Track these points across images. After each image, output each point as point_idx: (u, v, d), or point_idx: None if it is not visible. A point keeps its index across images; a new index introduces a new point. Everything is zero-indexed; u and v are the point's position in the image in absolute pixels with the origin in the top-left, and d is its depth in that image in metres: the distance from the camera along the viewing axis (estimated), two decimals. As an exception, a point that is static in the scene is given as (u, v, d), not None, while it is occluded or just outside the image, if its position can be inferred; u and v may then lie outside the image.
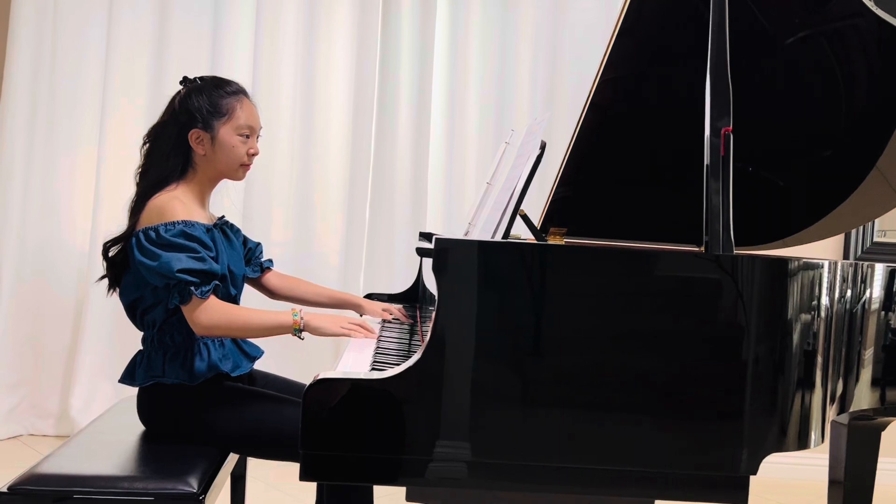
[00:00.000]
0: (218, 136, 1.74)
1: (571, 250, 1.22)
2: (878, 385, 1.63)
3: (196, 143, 1.74)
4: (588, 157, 2.04)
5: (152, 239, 1.63)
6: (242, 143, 1.77)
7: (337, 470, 1.18)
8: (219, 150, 1.75)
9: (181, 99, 1.76)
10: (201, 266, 1.62)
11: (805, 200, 2.20)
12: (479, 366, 1.19)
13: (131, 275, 1.73)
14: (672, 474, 1.22)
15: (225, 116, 1.75)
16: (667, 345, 1.22)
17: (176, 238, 1.63)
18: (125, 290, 1.76)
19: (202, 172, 1.78)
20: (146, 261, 1.62)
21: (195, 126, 1.73)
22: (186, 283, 1.61)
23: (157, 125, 1.79)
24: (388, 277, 3.42)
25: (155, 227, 1.64)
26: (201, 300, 1.62)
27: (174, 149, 1.74)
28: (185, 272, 1.60)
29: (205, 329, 1.65)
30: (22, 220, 3.35)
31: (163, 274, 1.61)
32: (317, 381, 1.18)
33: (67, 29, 3.36)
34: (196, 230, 1.66)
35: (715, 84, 1.31)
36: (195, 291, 1.61)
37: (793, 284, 1.27)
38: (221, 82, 1.80)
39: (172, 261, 1.60)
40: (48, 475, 1.51)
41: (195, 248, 1.64)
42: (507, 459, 1.20)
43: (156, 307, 1.71)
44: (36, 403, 3.41)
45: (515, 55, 3.47)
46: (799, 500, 3.12)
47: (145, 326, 1.77)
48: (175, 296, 1.63)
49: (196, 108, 1.73)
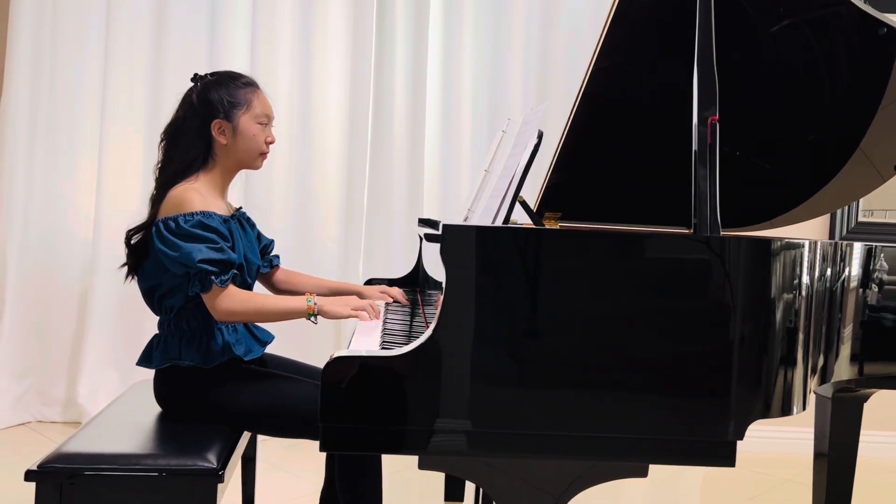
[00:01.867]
0: (239, 126, 1.83)
1: (572, 235, 1.30)
2: (857, 360, 1.73)
3: (218, 134, 1.83)
4: (581, 144, 2.11)
5: (172, 229, 1.71)
6: (261, 131, 1.87)
7: (353, 441, 1.27)
8: (240, 139, 1.84)
9: (200, 93, 1.83)
10: (220, 256, 1.70)
11: (791, 183, 2.27)
12: (484, 345, 1.27)
13: (151, 262, 1.80)
14: (665, 440, 1.31)
15: (244, 107, 1.84)
16: (660, 323, 1.31)
17: (194, 228, 1.71)
18: (144, 277, 1.84)
19: (222, 163, 1.86)
20: (167, 250, 1.70)
21: (217, 117, 1.82)
22: (206, 272, 1.69)
23: (176, 121, 1.86)
24: (386, 263, 3.50)
25: (174, 217, 1.72)
26: (221, 288, 1.71)
27: (196, 140, 1.82)
28: (206, 262, 1.68)
29: (225, 315, 1.73)
30: (26, 211, 3.40)
31: (183, 263, 1.68)
32: (334, 359, 1.26)
33: (67, 22, 3.41)
34: (213, 220, 1.74)
35: (702, 75, 1.39)
36: (215, 280, 1.69)
37: (776, 264, 1.36)
38: (235, 75, 1.89)
39: (193, 251, 1.68)
40: (74, 454, 1.59)
41: (213, 238, 1.72)
42: (511, 429, 1.29)
43: (174, 293, 1.79)
44: (43, 391, 3.48)
45: (508, 44, 3.55)
46: (786, 472, 3.22)
47: (163, 311, 1.85)
48: (195, 284, 1.70)
49: (217, 101, 1.82)
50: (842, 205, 3.09)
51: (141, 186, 3.41)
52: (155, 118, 3.39)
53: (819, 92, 2.09)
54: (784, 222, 2.35)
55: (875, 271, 1.78)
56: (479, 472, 1.32)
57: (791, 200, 2.30)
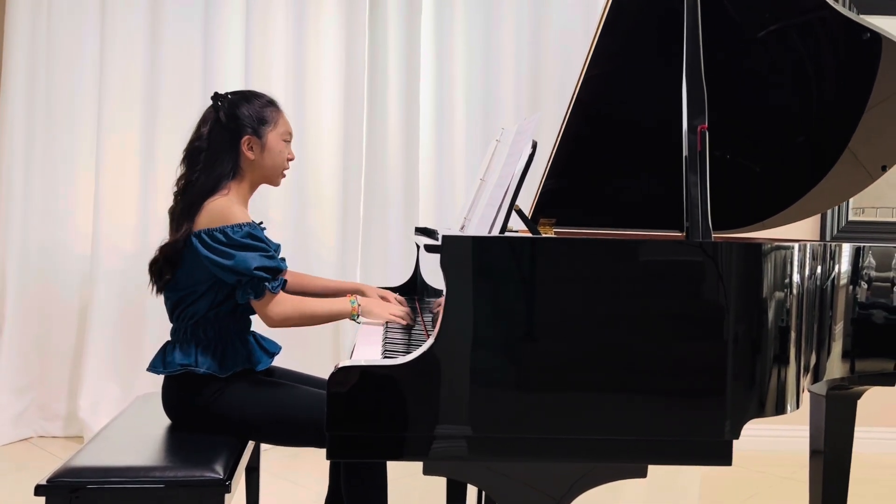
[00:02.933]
0: (267, 142, 1.92)
1: (566, 242, 1.34)
2: (849, 357, 1.76)
3: (247, 150, 1.91)
4: (575, 150, 2.14)
5: (220, 240, 1.77)
6: (286, 147, 1.97)
7: (358, 448, 1.30)
8: (267, 154, 1.93)
9: (227, 110, 1.90)
10: (272, 263, 1.79)
11: (781, 184, 2.31)
12: (483, 352, 1.31)
13: (184, 272, 1.85)
14: (663, 441, 1.35)
15: (271, 124, 1.94)
16: (655, 326, 1.34)
17: (245, 239, 1.79)
18: (176, 287, 1.88)
19: (248, 178, 1.94)
20: (220, 259, 1.76)
21: (246, 133, 1.90)
22: (261, 279, 1.76)
23: (201, 136, 1.91)
24: (383, 271, 3.53)
25: (221, 228, 1.79)
26: (273, 294, 1.80)
27: (225, 155, 1.89)
28: (261, 269, 1.76)
29: (280, 320, 1.82)
30: (24, 225, 3.42)
31: (239, 271, 1.75)
32: (338, 369, 1.29)
33: (62, 32, 3.42)
34: (258, 232, 1.84)
35: (690, 84, 1.43)
36: (268, 286, 1.78)
37: (767, 265, 1.40)
38: (258, 94, 1.98)
39: (249, 259, 1.76)
40: (82, 468, 1.61)
41: (264, 247, 1.81)
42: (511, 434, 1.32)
43: (198, 301, 1.85)
44: (44, 405, 3.49)
45: (500, 48, 3.58)
46: (784, 470, 3.25)
47: (181, 319, 1.89)
48: (248, 291, 1.78)
49: (247, 117, 1.91)
50: (832, 204, 3.13)
51: (138, 200, 3.44)
52: (151, 128, 3.42)
53: (807, 95, 2.13)
54: (776, 223, 2.39)
55: (864, 269, 1.82)
56: (480, 476, 1.35)
57: (782, 201, 2.34)
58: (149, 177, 3.42)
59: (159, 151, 3.41)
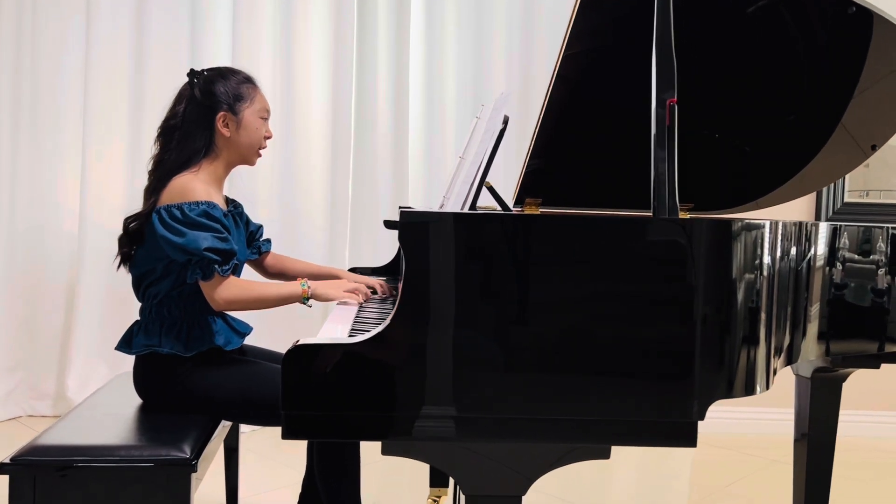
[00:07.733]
0: (243, 119, 1.88)
1: (525, 219, 1.30)
2: (824, 338, 1.73)
3: (222, 126, 1.87)
4: (558, 129, 2.10)
5: (176, 217, 1.73)
6: (262, 125, 1.92)
7: (313, 428, 1.27)
8: (243, 132, 1.88)
9: (202, 86, 1.86)
10: (224, 246, 1.74)
11: (773, 163, 2.28)
12: (440, 332, 1.27)
13: (144, 249, 1.82)
14: (630, 422, 1.32)
15: (248, 101, 1.89)
16: (622, 305, 1.31)
17: (200, 217, 1.74)
18: (137, 263, 1.86)
19: (223, 156, 1.89)
20: (171, 237, 1.72)
21: (221, 109, 1.86)
22: (210, 260, 1.72)
23: (176, 114, 1.87)
24: (372, 252, 3.51)
25: (179, 204, 1.74)
26: (222, 278, 1.75)
27: (198, 132, 1.85)
28: (211, 251, 1.71)
29: (225, 303, 1.77)
30: (11, 205, 3.42)
31: (188, 250, 1.71)
32: (294, 346, 1.26)
33: (48, 18, 3.40)
34: (216, 211, 1.78)
35: (660, 57, 1.39)
36: (218, 269, 1.73)
37: (736, 245, 1.36)
38: (234, 70, 1.93)
39: (199, 239, 1.71)
40: (48, 446, 1.60)
41: (218, 228, 1.75)
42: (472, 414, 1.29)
43: (161, 280, 1.82)
44: (33, 385, 3.50)
45: (490, 32, 3.55)
46: (773, 453, 3.24)
47: (146, 298, 1.87)
48: (197, 271, 1.73)
49: (222, 93, 1.86)
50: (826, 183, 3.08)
51: (125, 178, 3.42)
52: (138, 110, 3.40)
53: (797, 72, 2.09)
54: (769, 202, 2.36)
55: (840, 249, 1.78)
56: (437, 455, 1.33)
57: (775, 180, 2.31)
58: (135, 156, 3.41)
59: (145, 131, 3.38)
